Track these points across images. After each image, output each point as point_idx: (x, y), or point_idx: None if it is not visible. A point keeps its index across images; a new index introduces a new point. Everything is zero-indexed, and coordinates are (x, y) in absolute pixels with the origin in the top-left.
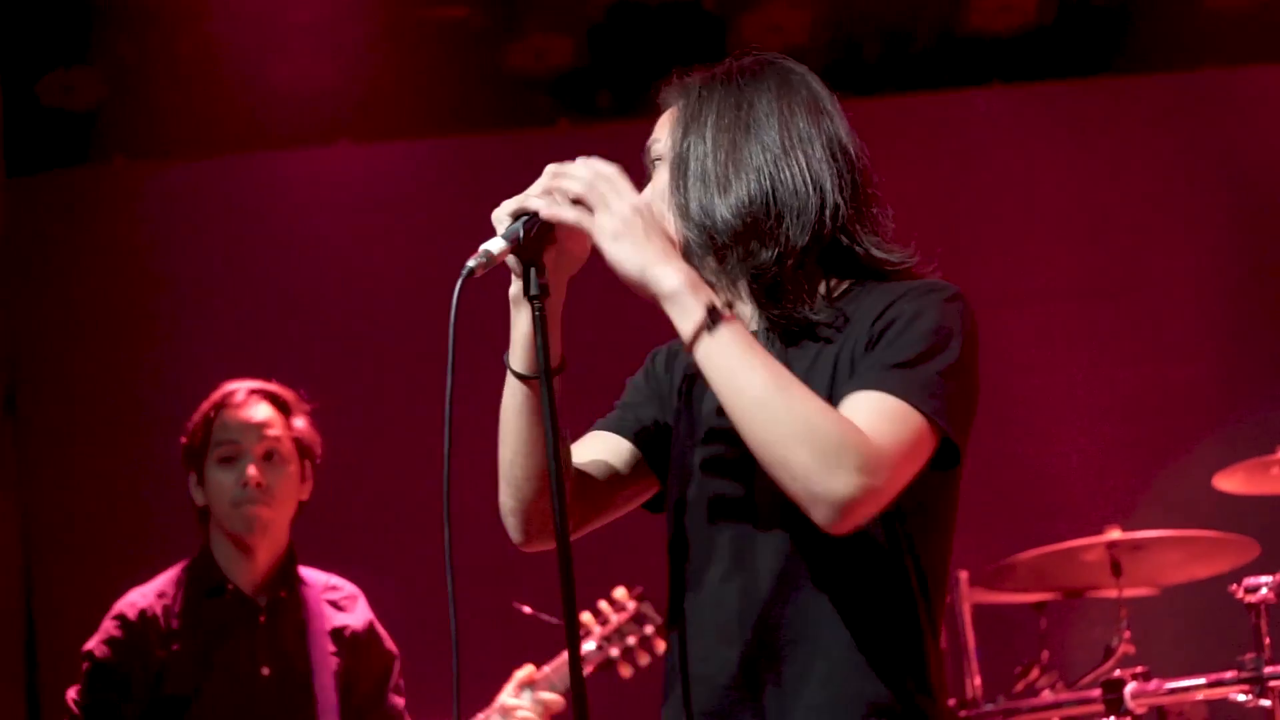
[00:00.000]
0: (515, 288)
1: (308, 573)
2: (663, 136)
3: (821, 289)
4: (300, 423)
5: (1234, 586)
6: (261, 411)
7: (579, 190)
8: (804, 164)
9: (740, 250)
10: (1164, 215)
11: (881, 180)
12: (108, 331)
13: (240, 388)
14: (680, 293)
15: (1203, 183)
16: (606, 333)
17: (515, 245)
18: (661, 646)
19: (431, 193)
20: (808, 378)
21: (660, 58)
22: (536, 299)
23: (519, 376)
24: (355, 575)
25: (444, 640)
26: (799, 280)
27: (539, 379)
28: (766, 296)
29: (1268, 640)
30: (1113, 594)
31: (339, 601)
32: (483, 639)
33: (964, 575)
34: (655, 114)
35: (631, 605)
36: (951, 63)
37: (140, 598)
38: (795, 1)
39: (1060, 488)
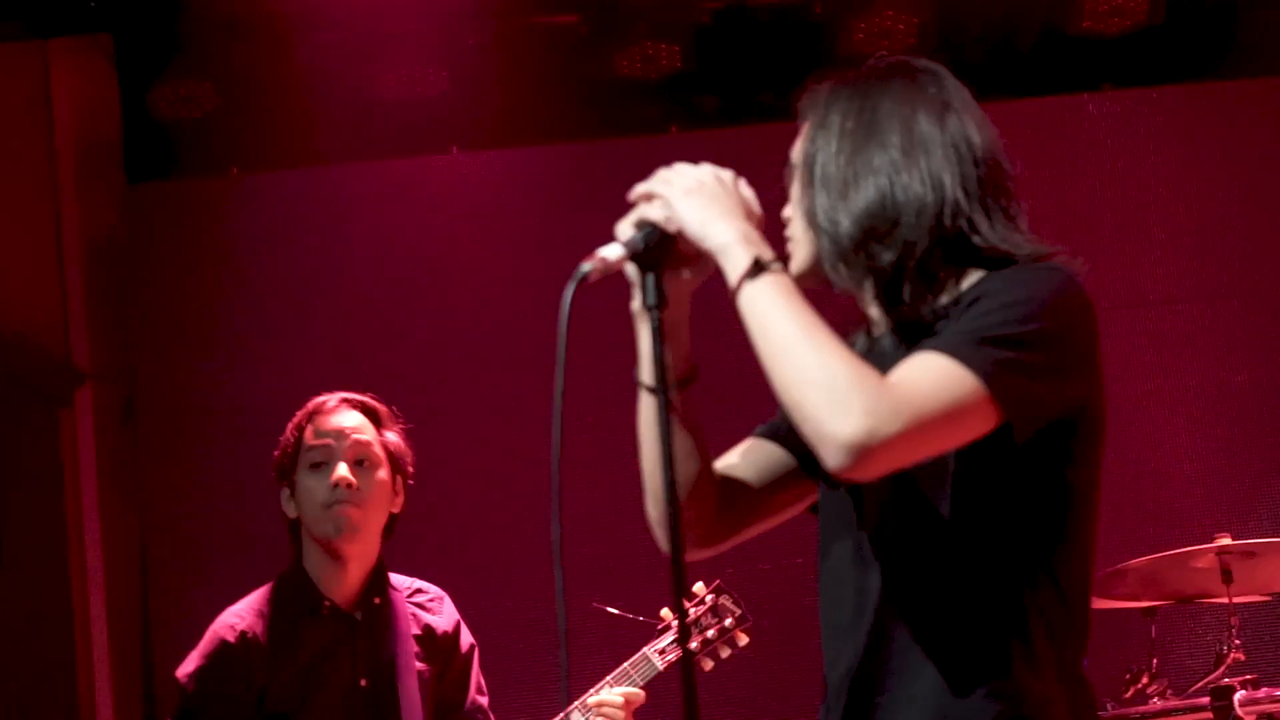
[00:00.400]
0: (636, 300)
1: (394, 578)
2: (791, 157)
3: (950, 285)
4: (392, 435)
5: None
6: (352, 419)
7: (686, 185)
8: (924, 165)
9: (863, 254)
10: (1276, 218)
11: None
12: (221, 342)
13: (331, 396)
14: (731, 245)
15: None
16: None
17: (633, 253)
18: (743, 639)
19: (540, 200)
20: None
21: (767, 63)
22: (655, 309)
23: (648, 389)
24: (450, 581)
25: (531, 644)
26: (920, 279)
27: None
28: (888, 298)
29: None
30: (1223, 600)
31: (425, 604)
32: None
33: None
34: (762, 119)
35: (710, 599)
36: (1062, 66)
37: (237, 619)
38: (905, 6)
39: (1172, 493)
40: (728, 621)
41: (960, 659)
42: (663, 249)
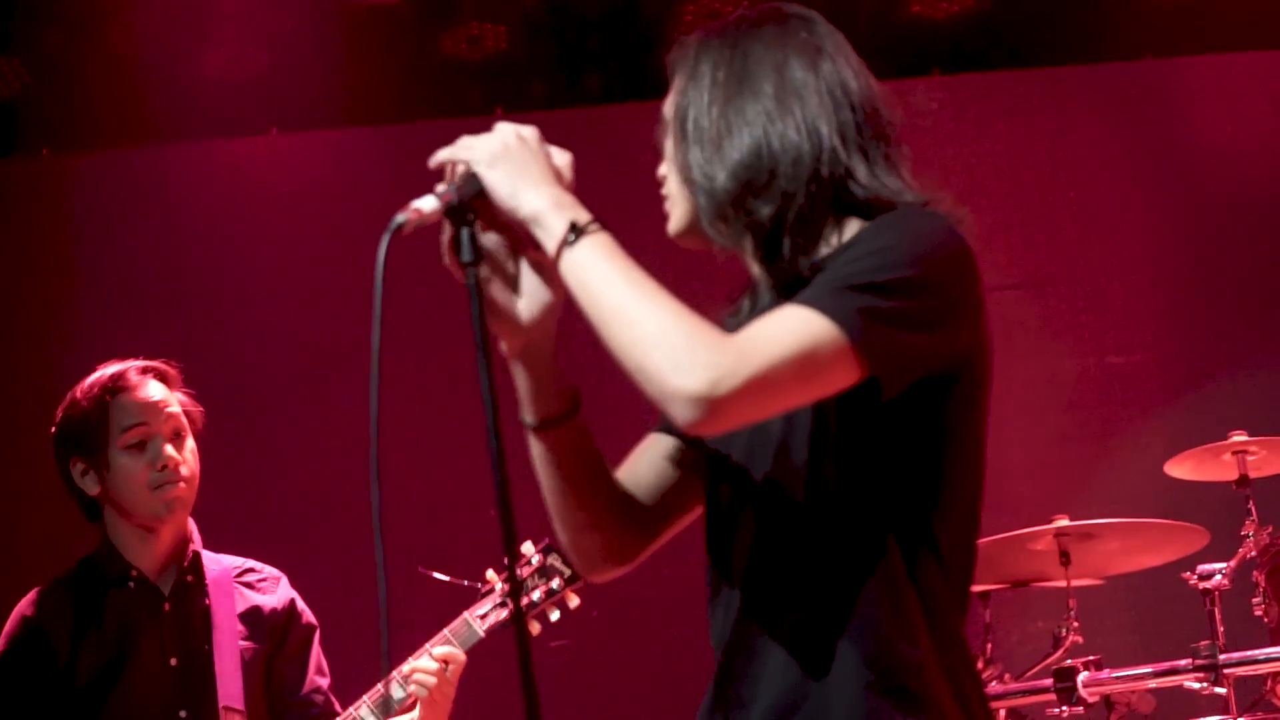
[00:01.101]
0: (503, 345)
1: (221, 557)
2: (664, 108)
3: (833, 237)
4: (182, 396)
5: (1188, 574)
6: (158, 389)
7: (491, 150)
8: (799, 113)
9: (741, 210)
10: (1104, 205)
11: None
12: (35, 329)
13: (128, 368)
14: (543, 212)
15: (1143, 173)
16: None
17: (448, 207)
18: (574, 600)
19: (364, 182)
20: None
21: (594, 46)
22: (471, 265)
23: (528, 428)
24: (287, 562)
25: (368, 623)
26: (800, 232)
27: (537, 427)
28: (768, 254)
29: (1222, 628)
30: (1061, 584)
31: (255, 584)
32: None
33: None
34: (589, 102)
35: (538, 559)
36: (891, 50)
37: (39, 595)
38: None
39: (1005, 479)
40: (555, 582)
41: (831, 628)
42: (482, 203)
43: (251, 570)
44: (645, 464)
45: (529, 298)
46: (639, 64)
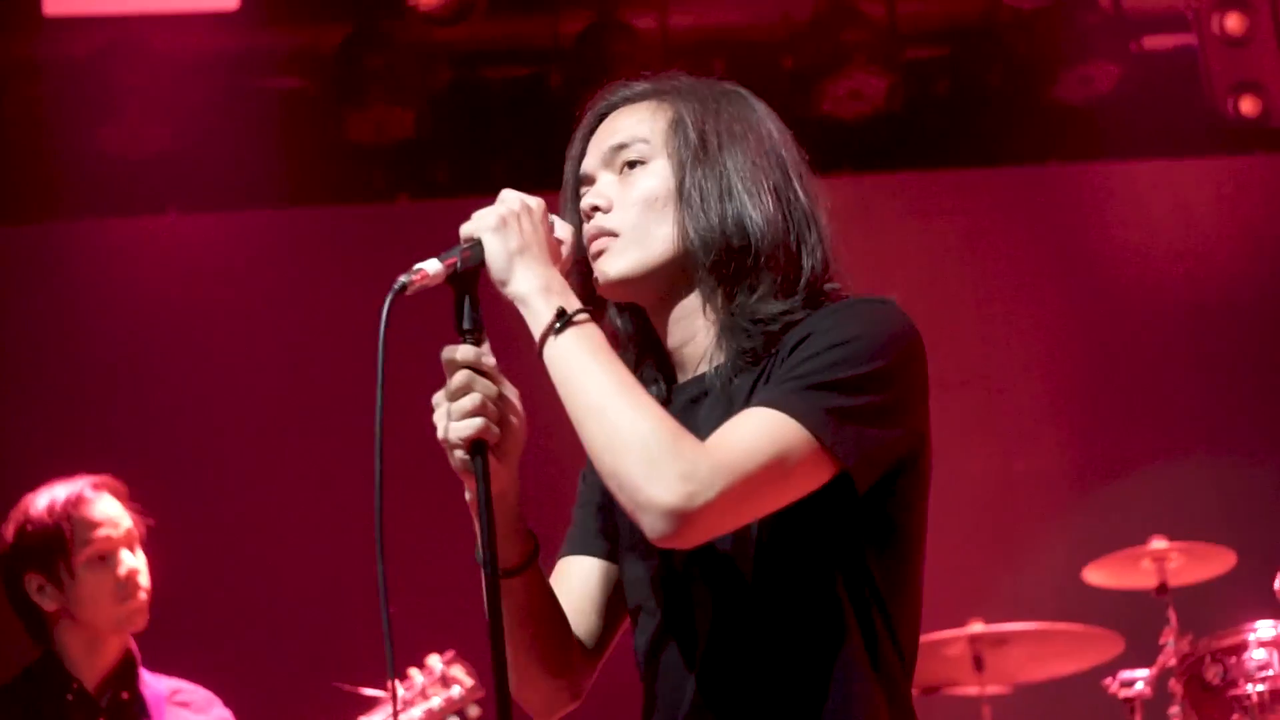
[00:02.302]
0: (468, 494)
1: (153, 678)
2: (642, 135)
3: (778, 315)
4: (128, 509)
5: (1109, 680)
6: (113, 504)
7: (496, 218)
8: (769, 184)
9: (711, 274)
10: (1010, 306)
11: None
12: None
13: (83, 484)
14: (532, 295)
15: (1049, 274)
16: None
17: (451, 273)
18: (474, 711)
19: (265, 265)
20: (734, 414)
21: (501, 133)
22: (469, 334)
23: (500, 573)
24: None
25: None
26: (753, 305)
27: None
28: (724, 331)
29: None
30: (974, 690)
31: (188, 703)
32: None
33: None
34: (495, 190)
35: (441, 668)
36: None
37: None
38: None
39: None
40: (455, 691)
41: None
42: (477, 271)
43: (181, 691)
44: (577, 595)
45: (509, 435)
46: (545, 150)
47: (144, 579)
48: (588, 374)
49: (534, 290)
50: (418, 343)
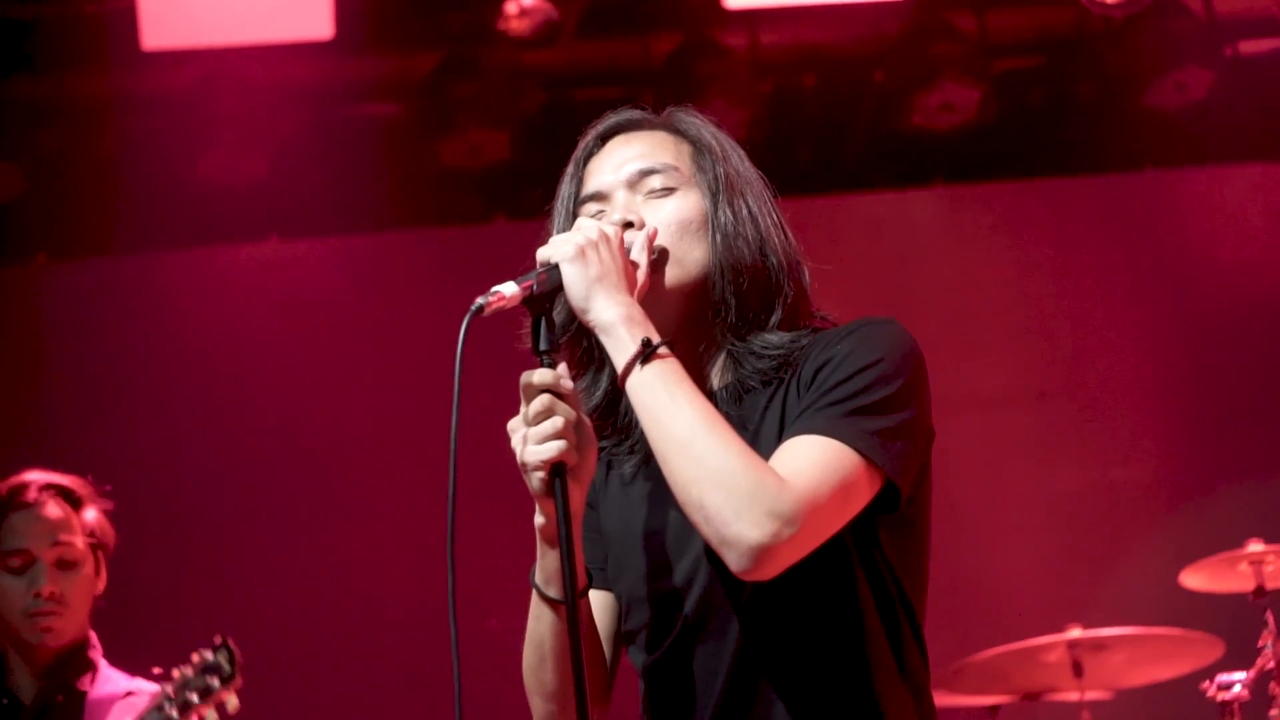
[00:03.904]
0: (540, 518)
1: (118, 676)
2: (671, 163)
3: (781, 343)
4: (91, 515)
5: (1206, 684)
6: (52, 511)
7: (576, 245)
8: (778, 222)
9: (734, 312)
10: (1104, 316)
11: (820, 281)
12: (30, 437)
13: (30, 483)
14: (616, 325)
15: (1143, 283)
16: None
17: (527, 295)
18: (231, 701)
19: (364, 290)
20: (759, 431)
21: None
22: (545, 354)
23: (550, 602)
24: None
25: None
26: (761, 338)
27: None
28: (736, 356)
29: None
30: (1074, 696)
31: (139, 704)
32: None
33: None
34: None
35: (208, 655)
36: (892, 161)
37: None
38: (737, 99)
39: (1010, 592)
40: (212, 680)
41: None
42: (554, 294)
43: (133, 694)
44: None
45: (584, 459)
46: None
47: (66, 601)
48: (675, 406)
49: (617, 319)
50: (500, 364)
